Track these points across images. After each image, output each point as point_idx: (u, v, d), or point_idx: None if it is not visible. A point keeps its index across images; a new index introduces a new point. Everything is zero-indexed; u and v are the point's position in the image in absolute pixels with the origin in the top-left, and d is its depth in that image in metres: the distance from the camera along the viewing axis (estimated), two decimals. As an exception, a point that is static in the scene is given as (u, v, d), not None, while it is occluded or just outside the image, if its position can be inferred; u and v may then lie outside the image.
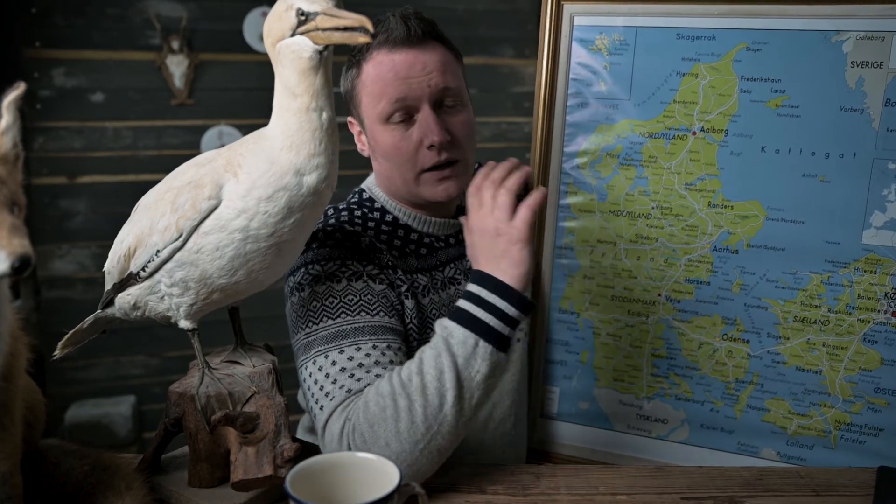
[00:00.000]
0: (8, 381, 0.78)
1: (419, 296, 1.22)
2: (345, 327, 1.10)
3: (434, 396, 0.99)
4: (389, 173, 1.25)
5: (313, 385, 1.07)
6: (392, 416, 0.98)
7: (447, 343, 1.02)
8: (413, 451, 0.98)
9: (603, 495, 1.05)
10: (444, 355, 1.00)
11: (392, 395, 0.99)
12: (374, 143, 1.24)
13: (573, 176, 1.35)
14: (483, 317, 1.03)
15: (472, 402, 1.02)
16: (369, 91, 1.20)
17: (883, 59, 1.16)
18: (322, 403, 1.05)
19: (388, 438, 0.98)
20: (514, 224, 1.09)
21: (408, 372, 1.01)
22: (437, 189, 1.22)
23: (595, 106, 1.32)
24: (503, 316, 1.04)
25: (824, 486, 1.08)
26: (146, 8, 3.13)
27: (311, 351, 1.10)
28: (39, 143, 3.07)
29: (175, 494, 1.01)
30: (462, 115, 1.24)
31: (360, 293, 1.13)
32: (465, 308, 1.05)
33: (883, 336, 1.21)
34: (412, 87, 1.18)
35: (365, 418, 0.99)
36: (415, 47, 1.18)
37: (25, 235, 0.67)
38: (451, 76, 1.22)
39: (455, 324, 1.03)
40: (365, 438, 0.98)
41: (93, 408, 3.13)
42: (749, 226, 1.25)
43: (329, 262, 1.15)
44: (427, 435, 0.98)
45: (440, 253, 1.28)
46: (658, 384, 1.34)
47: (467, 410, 1.01)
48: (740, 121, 1.24)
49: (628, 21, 1.28)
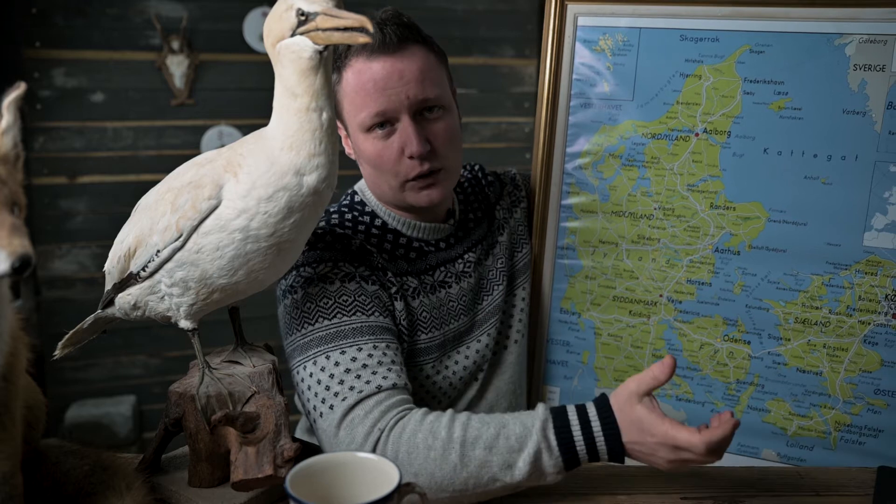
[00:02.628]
0: (8, 381, 0.78)
1: (409, 298, 1.22)
2: (343, 328, 1.10)
3: (486, 476, 0.99)
4: (375, 179, 1.25)
5: (315, 385, 1.07)
6: (436, 460, 0.98)
7: (538, 454, 0.98)
8: (437, 493, 0.99)
9: (603, 495, 1.05)
10: (527, 460, 0.98)
11: (446, 443, 0.99)
12: (358, 150, 1.24)
13: (575, 176, 1.35)
14: (581, 455, 0.99)
15: (515, 491, 1.02)
16: (350, 100, 1.19)
17: (885, 62, 1.16)
18: (332, 403, 1.05)
19: (420, 471, 0.98)
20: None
21: (475, 435, 1.00)
22: (420, 196, 1.22)
23: (598, 106, 1.32)
24: (593, 455, 1.00)
25: (824, 486, 1.08)
26: (146, 8, 3.12)
27: (310, 351, 1.09)
28: (39, 143, 3.06)
29: (175, 494, 1.01)
30: (443, 122, 1.21)
31: (354, 294, 1.13)
32: (574, 435, 0.99)
33: (883, 338, 1.21)
34: (391, 99, 1.16)
35: (406, 442, 1.00)
36: (392, 55, 1.16)
37: (26, 235, 0.67)
38: (429, 84, 1.18)
39: (556, 443, 0.99)
40: (397, 455, 0.99)
41: (93, 408, 3.13)
42: (751, 227, 1.25)
43: (321, 265, 1.15)
44: (457, 492, 0.99)
45: (430, 257, 1.28)
46: (658, 385, 1.34)
47: (506, 493, 1.02)
48: (743, 122, 1.24)
49: (632, 22, 1.29)
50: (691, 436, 0.93)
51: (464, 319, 1.30)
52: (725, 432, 0.93)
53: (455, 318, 1.28)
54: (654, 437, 0.96)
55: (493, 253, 1.36)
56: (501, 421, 1.01)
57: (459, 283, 1.30)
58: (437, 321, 1.25)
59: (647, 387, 0.98)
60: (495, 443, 0.99)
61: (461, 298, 1.29)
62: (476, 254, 1.33)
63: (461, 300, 1.29)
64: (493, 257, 1.36)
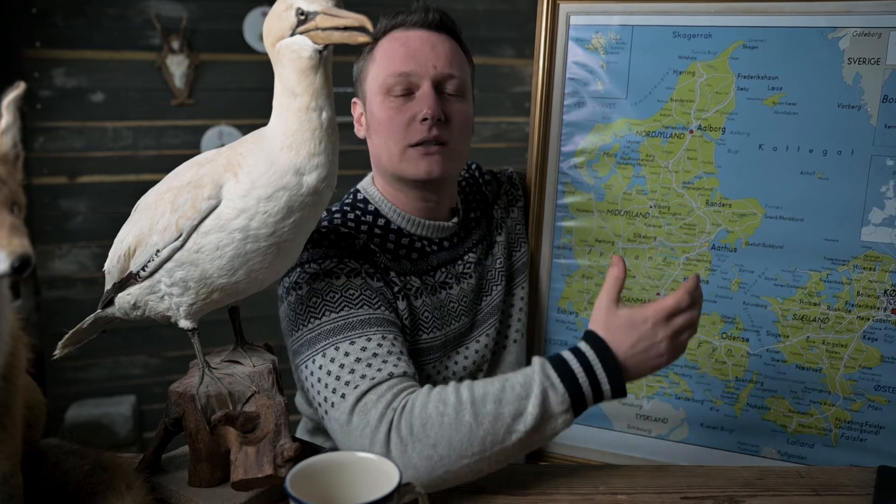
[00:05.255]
0: (8, 381, 0.78)
1: (411, 298, 1.22)
2: (350, 320, 1.10)
3: (502, 431, 0.99)
4: (377, 150, 1.26)
5: (325, 376, 1.07)
6: (451, 424, 0.98)
7: (544, 394, 1.00)
8: (458, 461, 0.99)
9: (603, 495, 1.05)
10: (535, 402, 0.99)
11: (457, 406, 0.99)
12: (371, 118, 1.25)
13: (571, 175, 1.35)
14: (585, 388, 1.02)
15: (531, 448, 1.03)
16: (377, 63, 1.23)
17: (880, 56, 1.16)
18: (343, 392, 1.04)
19: (438, 440, 0.98)
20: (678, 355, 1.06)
21: (483, 393, 1.01)
22: (419, 164, 1.21)
23: (592, 105, 1.32)
24: (598, 394, 1.03)
25: (824, 485, 1.08)
26: (146, 8, 3.12)
27: (318, 345, 1.09)
28: (39, 143, 3.07)
29: (175, 494, 1.01)
30: (461, 104, 1.24)
31: (360, 288, 1.13)
32: (573, 369, 1.02)
33: (883, 333, 1.21)
34: (418, 63, 1.20)
35: (419, 415, 0.99)
36: (430, 31, 1.23)
37: (25, 235, 0.67)
38: (457, 67, 1.24)
39: (559, 380, 1.01)
40: (413, 431, 0.99)
41: (93, 408, 3.13)
42: (747, 224, 1.25)
43: (326, 261, 1.15)
44: (476, 455, 0.99)
45: (431, 257, 1.28)
46: (657, 383, 1.34)
47: (522, 452, 1.03)
48: (737, 119, 1.24)
49: (624, 20, 1.29)
50: (674, 294, 1.03)
51: (464, 320, 1.30)
52: (694, 280, 1.04)
53: (456, 318, 1.28)
54: (646, 320, 1.02)
55: (492, 253, 1.37)
56: (503, 377, 1.03)
57: (460, 284, 1.30)
58: (439, 321, 1.25)
59: (616, 291, 1.05)
60: (502, 395, 1.00)
61: (462, 299, 1.29)
62: (476, 254, 1.34)
63: (462, 301, 1.29)
64: (492, 257, 1.36)
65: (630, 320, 1.02)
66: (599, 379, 1.02)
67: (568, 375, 1.01)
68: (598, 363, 1.02)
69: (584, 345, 1.04)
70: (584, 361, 1.02)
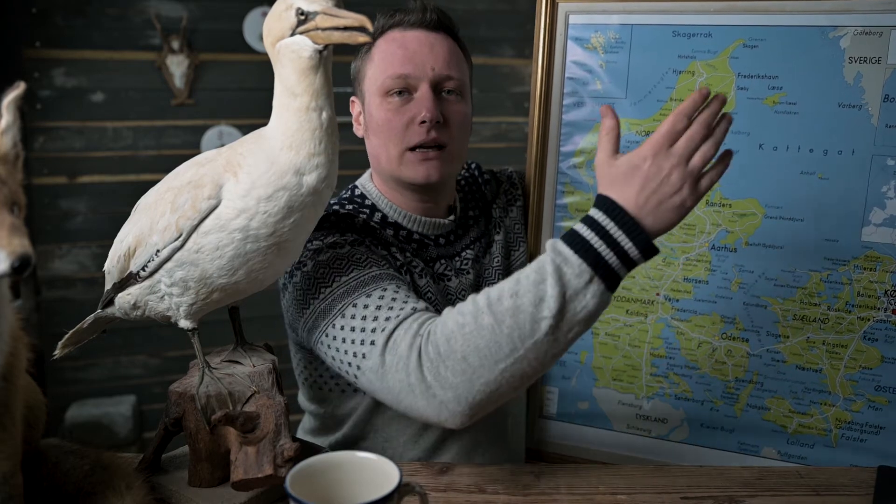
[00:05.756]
0: (8, 381, 0.78)
1: (415, 276, 1.22)
2: (362, 277, 1.08)
3: (527, 322, 0.92)
4: (376, 151, 1.26)
5: (350, 333, 1.04)
6: (472, 332, 0.93)
7: (559, 271, 0.92)
8: (493, 368, 0.93)
9: (603, 495, 1.05)
10: (552, 282, 0.91)
11: (474, 312, 0.94)
12: (369, 118, 1.26)
13: (570, 176, 1.35)
14: (603, 252, 0.92)
15: (568, 336, 0.94)
16: (375, 64, 1.24)
17: (881, 55, 1.15)
18: (372, 339, 1.02)
19: (466, 352, 0.93)
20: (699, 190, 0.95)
21: (498, 292, 0.94)
22: (418, 169, 1.21)
23: (591, 105, 1.32)
24: (623, 256, 0.93)
25: (824, 485, 1.08)
26: (146, 8, 3.13)
27: (335, 309, 1.07)
28: (39, 143, 3.07)
29: (175, 494, 1.01)
30: (460, 105, 1.25)
31: (366, 252, 1.13)
32: (585, 236, 0.93)
33: (883, 334, 1.21)
34: (416, 65, 1.20)
35: (442, 333, 0.96)
36: (428, 31, 1.23)
37: (25, 235, 0.67)
38: (455, 68, 1.24)
39: (571, 251, 0.92)
40: (440, 350, 0.95)
41: (93, 408, 3.13)
42: (747, 224, 1.25)
43: (329, 236, 1.15)
44: (510, 357, 0.92)
45: (430, 249, 1.28)
46: (657, 384, 1.34)
47: (562, 343, 0.94)
48: (737, 118, 1.23)
49: (624, 19, 1.28)
50: (669, 117, 0.93)
51: None
52: (690, 100, 0.94)
53: None
54: (646, 158, 0.92)
55: (491, 252, 1.37)
56: (518, 272, 0.96)
57: (459, 278, 1.30)
58: (441, 308, 1.25)
59: (610, 143, 0.96)
60: (517, 287, 0.93)
61: (461, 293, 1.29)
62: (474, 251, 1.34)
63: (461, 295, 1.29)
64: (490, 256, 1.36)
65: (630, 165, 0.93)
66: (617, 239, 0.92)
67: (580, 244, 0.93)
68: (610, 222, 0.93)
69: (593, 209, 0.95)
70: (594, 226, 0.93)
